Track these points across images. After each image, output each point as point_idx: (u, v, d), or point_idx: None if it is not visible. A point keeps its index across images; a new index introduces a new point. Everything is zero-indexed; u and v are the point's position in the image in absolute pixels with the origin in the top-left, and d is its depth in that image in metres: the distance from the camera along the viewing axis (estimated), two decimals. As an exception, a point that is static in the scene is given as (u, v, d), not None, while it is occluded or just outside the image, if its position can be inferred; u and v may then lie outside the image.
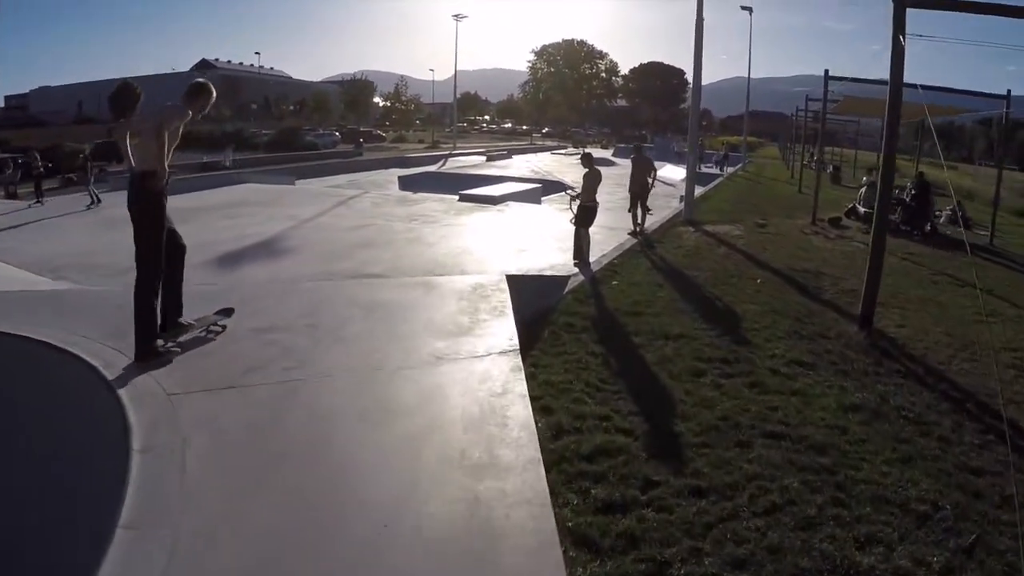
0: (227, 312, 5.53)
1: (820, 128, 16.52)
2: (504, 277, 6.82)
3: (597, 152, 51.30)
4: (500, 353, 4.83)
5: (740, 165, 36.89)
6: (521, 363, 4.75)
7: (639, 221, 12.82)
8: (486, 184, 23.06)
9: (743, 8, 34.53)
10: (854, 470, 4.58)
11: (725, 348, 6.73)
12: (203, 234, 11.23)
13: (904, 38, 6.79)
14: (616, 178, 31.59)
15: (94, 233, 12.25)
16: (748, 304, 8.45)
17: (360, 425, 3.77)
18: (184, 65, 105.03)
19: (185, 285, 5.26)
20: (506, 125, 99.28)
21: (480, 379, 4.40)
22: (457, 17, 38.09)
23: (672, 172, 35.32)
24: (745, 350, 6.73)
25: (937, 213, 16.99)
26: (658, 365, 6.17)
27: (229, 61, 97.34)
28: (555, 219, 14.24)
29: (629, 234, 12.40)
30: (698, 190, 25.36)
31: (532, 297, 7.43)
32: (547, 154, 49.88)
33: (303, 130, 47.35)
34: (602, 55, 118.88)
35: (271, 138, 42.23)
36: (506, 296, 6.15)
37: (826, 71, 14.62)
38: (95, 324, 5.54)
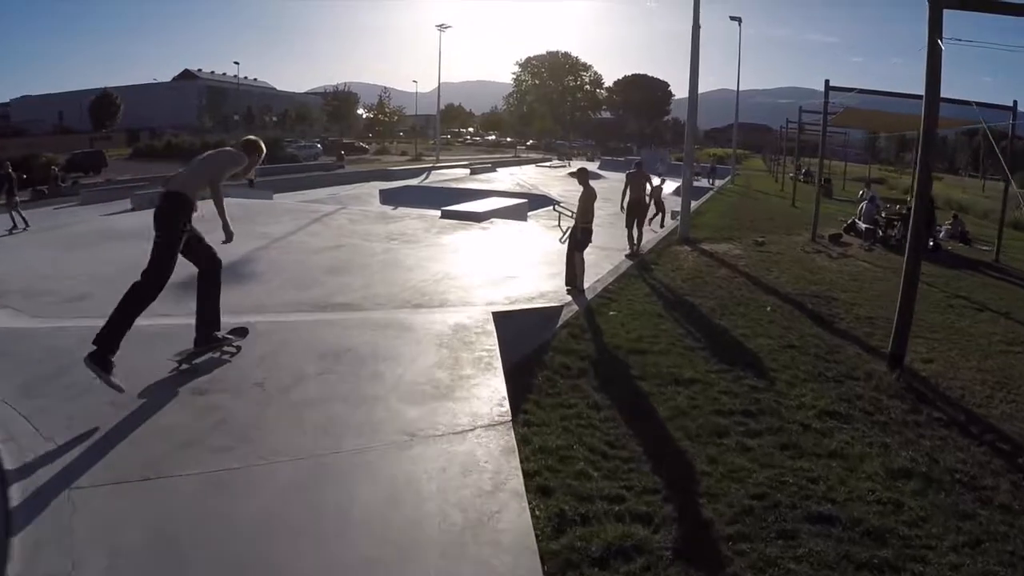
0: (241, 332, 5.43)
1: (821, 141, 15.78)
2: (490, 315, 5.89)
3: (581, 166, 50.68)
4: (488, 426, 3.90)
5: (728, 178, 36.36)
6: (515, 441, 3.83)
7: (635, 242, 11.96)
8: (470, 199, 22.17)
9: (732, 19, 34.10)
10: (921, 564, 3.75)
11: (745, 396, 5.88)
12: None
13: (942, 42, 6.00)
14: (604, 193, 31.21)
15: (55, 252, 11.18)
16: (762, 338, 7.62)
17: (303, 543, 2.84)
18: (166, 75, 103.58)
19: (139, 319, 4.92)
20: (490, 137, 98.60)
21: (463, 468, 3.47)
22: (441, 27, 37.36)
23: (656, 183, 34.87)
24: (768, 398, 5.89)
25: (937, 228, 16.39)
26: (672, 421, 5.29)
27: (212, 72, 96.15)
28: (543, 238, 13.41)
29: (627, 256, 11.53)
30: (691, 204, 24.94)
31: (522, 334, 6.54)
32: (532, 167, 49.16)
33: (284, 142, 46.13)
34: (586, 67, 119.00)
35: (254, 150, 40.98)
36: (493, 342, 5.23)
37: (826, 81, 13.98)
38: (5, 375, 4.59)
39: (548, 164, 52.17)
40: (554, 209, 15.33)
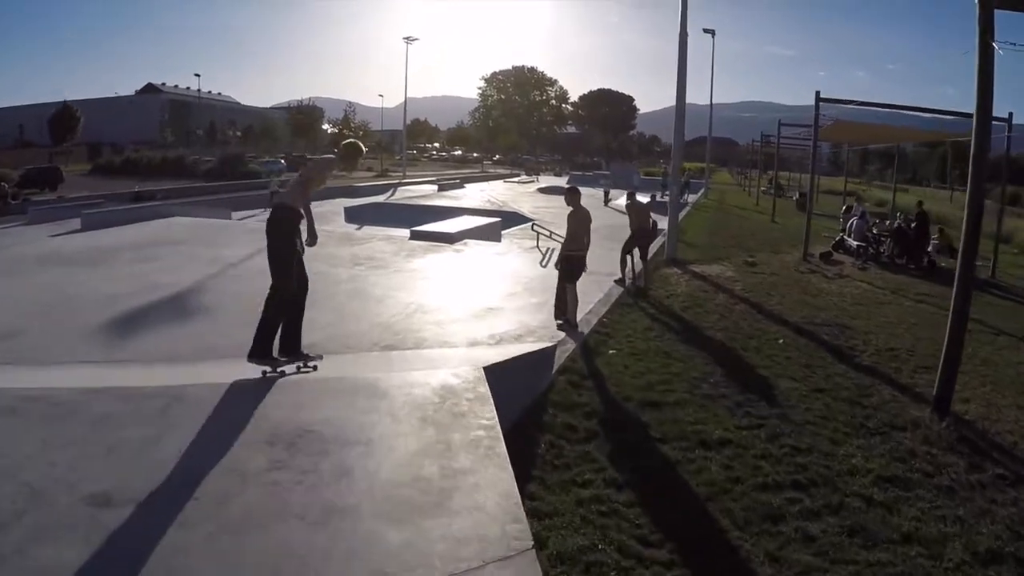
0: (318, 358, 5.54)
1: (812, 154, 15.10)
2: (482, 373, 4.77)
3: (548, 180, 49.93)
4: (502, 560, 2.70)
5: (702, 192, 35.91)
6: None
7: (637, 274, 10.93)
8: (440, 218, 21.05)
9: (705, 31, 33.74)
10: None
11: (788, 461, 4.91)
12: (105, 284, 9.32)
13: (995, 44, 5.18)
14: (562, 208, 30.18)
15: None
16: (785, 380, 6.71)
17: None
18: (130, 89, 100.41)
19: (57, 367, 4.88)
20: (456, 152, 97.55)
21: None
22: (408, 40, 36.28)
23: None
24: (815, 462, 4.94)
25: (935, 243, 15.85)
26: (713, 502, 4.29)
27: (176, 86, 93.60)
28: (521, 261, 12.40)
29: (616, 282, 10.54)
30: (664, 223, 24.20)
31: (516, 386, 5.47)
32: (500, 182, 48.24)
33: (247, 157, 44.40)
34: (552, 82, 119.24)
35: (212, 165, 39.08)
36: (491, 414, 4.10)
37: (817, 93, 13.32)
38: None
39: (516, 180, 51.30)
40: (532, 228, 14.31)
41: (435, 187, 38.75)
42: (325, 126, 78.53)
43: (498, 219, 18.03)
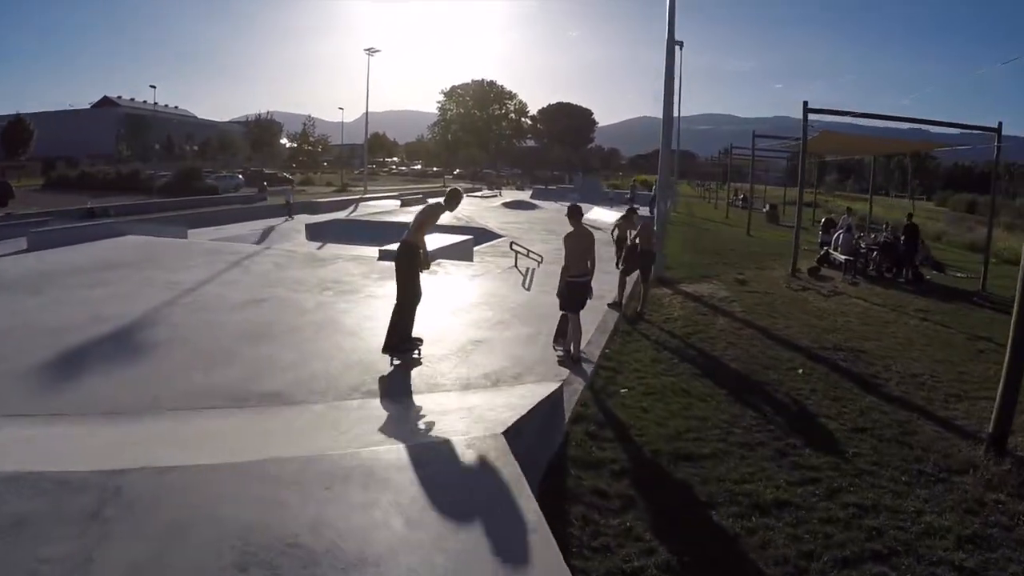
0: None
1: (800, 165, 14.65)
2: (503, 443, 3.82)
3: (512, 195, 49.12)
4: None
5: (670, 204, 35.62)
6: None
7: (642, 300, 10.14)
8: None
9: (676, 42, 33.47)
10: None
11: (859, 525, 4.22)
12: (47, 314, 8.27)
13: None
14: (543, 223, 29.76)
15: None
16: (821, 419, 6.06)
17: None
18: (83, 102, 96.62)
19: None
20: (416, 166, 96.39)
21: None
22: (369, 51, 35.21)
23: (601, 215, 33.71)
24: (889, 524, 4.26)
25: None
26: (792, 590, 3.52)
27: (133, 99, 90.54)
28: (502, 283, 11.54)
29: (610, 305, 9.72)
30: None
31: (532, 445, 4.61)
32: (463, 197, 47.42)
33: (203, 172, 42.58)
34: (512, 95, 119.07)
35: (168, 181, 37.28)
36: (531, 504, 3.18)
37: (805, 103, 12.88)
38: None
39: (479, 194, 50.47)
40: (511, 247, 13.55)
41: (398, 202, 37.66)
42: (283, 141, 76.66)
43: (469, 237, 17.11)
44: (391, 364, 6.57)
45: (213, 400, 5.60)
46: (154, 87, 68.97)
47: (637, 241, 10.03)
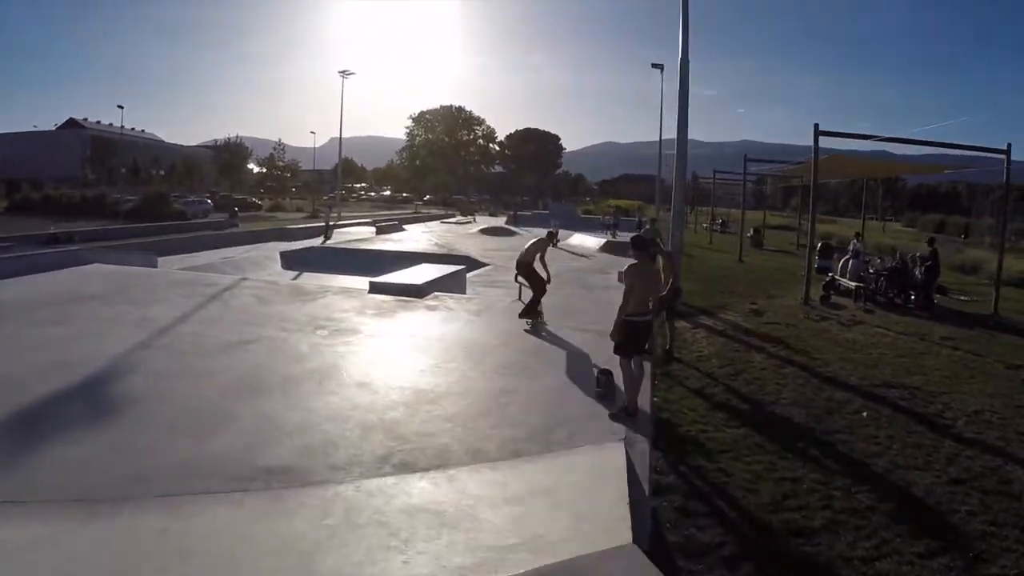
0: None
1: (812, 189, 14.14)
2: (638, 556, 2.94)
3: (486, 221, 48.35)
4: None
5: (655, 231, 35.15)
6: None
7: (668, 338, 9.18)
8: (394, 265, 19.14)
9: (654, 66, 33.41)
10: None
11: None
12: (1, 360, 7.31)
13: None
14: (517, 251, 28.73)
15: None
16: (914, 472, 5.40)
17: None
18: (48, 123, 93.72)
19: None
20: (385, 192, 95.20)
21: None
22: (344, 74, 34.32)
23: (583, 240, 33.16)
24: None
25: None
26: None
27: (99, 121, 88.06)
28: (510, 320, 10.63)
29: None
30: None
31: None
32: (437, 223, 46.58)
33: (171, 197, 41.04)
34: (480, 121, 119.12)
35: (135, 205, 35.66)
36: None
37: (816, 125, 12.40)
38: None
39: (453, 220, 49.80)
40: (516, 280, 12.71)
41: (373, 229, 36.66)
42: (251, 166, 74.92)
43: (462, 267, 16.27)
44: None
45: (209, 479, 4.62)
46: (122, 107, 66.70)
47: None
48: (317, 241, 29.98)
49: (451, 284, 14.26)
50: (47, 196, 38.70)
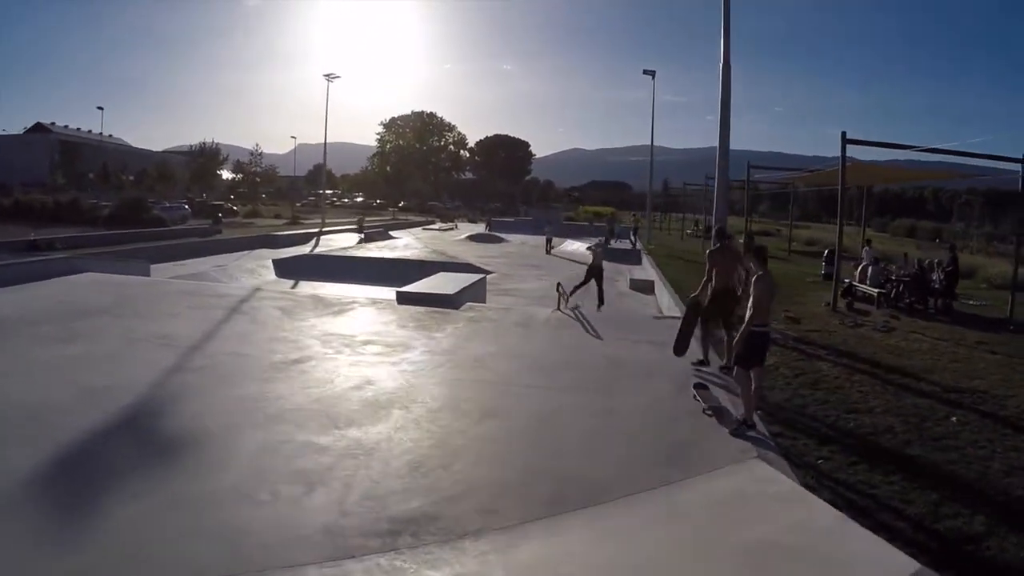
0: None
1: (839, 197, 14.27)
2: None
3: (469, 228, 48.01)
4: None
5: (635, 238, 35.38)
6: None
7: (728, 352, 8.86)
8: (395, 273, 18.96)
9: (645, 72, 33.65)
10: None
11: None
12: (13, 384, 6.57)
13: None
14: (521, 257, 28.77)
15: None
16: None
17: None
18: (16, 127, 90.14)
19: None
20: (358, 199, 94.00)
21: None
22: (329, 77, 33.73)
23: (577, 247, 33.13)
24: None
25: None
26: None
27: (66, 126, 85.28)
28: (571, 332, 10.42)
29: (696, 364, 8.29)
30: (648, 272, 22.93)
31: None
32: (419, 230, 46.28)
33: (149, 202, 39.87)
34: (451, 127, 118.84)
35: (112, 211, 34.41)
36: None
37: (843, 134, 12.58)
38: None
39: (436, 227, 49.51)
40: (557, 289, 12.57)
41: (360, 236, 36.16)
42: (222, 172, 73.31)
43: (482, 276, 16.03)
44: None
45: (318, 542, 3.89)
46: (102, 108, 64.83)
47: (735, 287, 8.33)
48: (305, 247, 29.48)
49: (475, 293, 14.04)
50: (18, 201, 37.12)
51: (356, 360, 8.33)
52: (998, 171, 14.33)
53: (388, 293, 14.25)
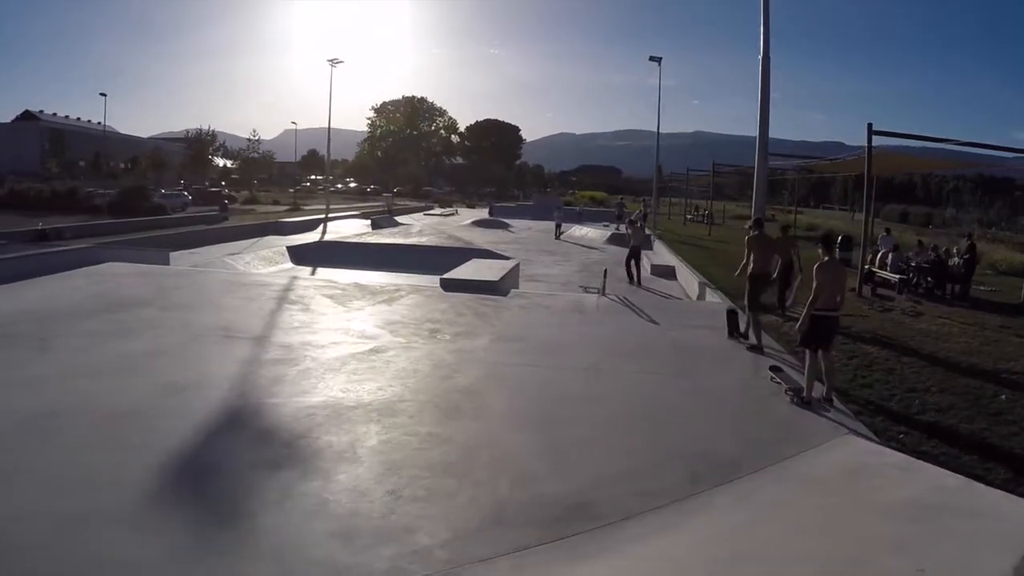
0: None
1: (866, 187, 14.81)
2: None
3: (471, 214, 48.12)
4: None
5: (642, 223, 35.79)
6: None
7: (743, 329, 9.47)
8: (412, 259, 19.32)
9: (652, 59, 33.86)
10: None
11: None
12: (89, 383, 6.34)
13: None
14: (533, 243, 29.02)
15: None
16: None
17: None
18: (5, 116, 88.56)
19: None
20: (352, 185, 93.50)
21: None
22: (333, 62, 33.62)
23: (585, 233, 33.55)
24: None
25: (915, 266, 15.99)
26: None
27: (55, 114, 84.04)
28: (605, 312, 10.93)
29: (749, 348, 8.92)
30: (664, 257, 23.30)
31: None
32: (420, 215, 46.36)
33: (149, 189, 39.66)
34: (441, 112, 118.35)
35: (113, 199, 34.18)
36: None
37: (869, 125, 13.15)
38: None
39: (437, 213, 49.65)
40: (605, 276, 13.02)
41: (366, 222, 36.29)
42: (215, 158, 72.63)
43: (515, 261, 16.35)
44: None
45: (484, 533, 3.97)
46: (104, 95, 63.76)
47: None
48: (313, 234, 29.52)
49: (512, 280, 14.39)
50: (13, 191, 36.73)
51: (432, 349, 8.43)
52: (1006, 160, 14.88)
53: (422, 280, 14.61)
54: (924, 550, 3.37)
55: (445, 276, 13.50)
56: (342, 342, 8.62)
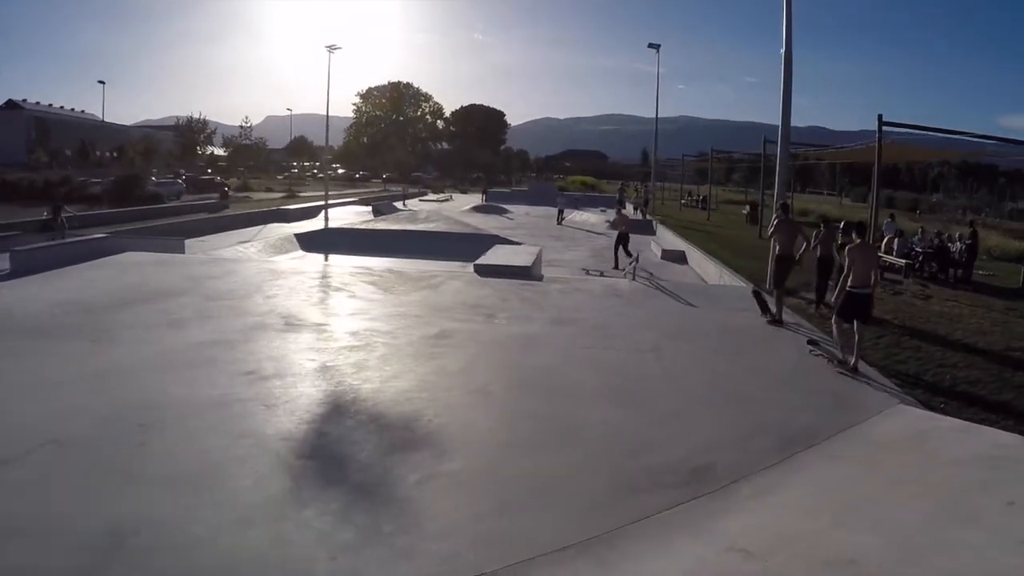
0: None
1: (874, 178, 15.53)
2: None
3: (465, 200, 48.50)
4: None
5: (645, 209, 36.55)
6: None
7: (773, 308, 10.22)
8: (422, 245, 19.76)
9: (651, 46, 34.36)
10: None
11: None
12: (191, 383, 6.27)
13: None
14: (538, 228, 29.42)
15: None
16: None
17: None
18: None
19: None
20: (340, 171, 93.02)
21: None
22: (331, 48, 33.67)
23: (585, 218, 34.17)
24: None
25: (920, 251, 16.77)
26: None
27: (38, 102, 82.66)
28: (641, 295, 11.51)
29: (769, 321, 9.91)
30: (672, 242, 23.93)
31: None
32: (416, 201, 46.72)
33: (144, 177, 39.41)
34: (427, 97, 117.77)
35: (108, 188, 34.01)
36: None
37: (880, 116, 13.86)
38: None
39: (433, 199, 50.03)
40: (636, 260, 13.63)
41: (367, 208, 36.58)
42: (211, 149, 71.88)
43: (537, 248, 16.88)
44: None
45: (616, 501, 4.43)
46: (103, 83, 62.75)
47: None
48: (315, 221, 29.66)
49: (539, 266, 14.94)
50: (5, 180, 36.29)
51: (494, 333, 8.85)
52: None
53: (451, 266, 15.11)
54: (1008, 488, 4.04)
55: (478, 262, 14.00)
56: (406, 327, 8.97)
